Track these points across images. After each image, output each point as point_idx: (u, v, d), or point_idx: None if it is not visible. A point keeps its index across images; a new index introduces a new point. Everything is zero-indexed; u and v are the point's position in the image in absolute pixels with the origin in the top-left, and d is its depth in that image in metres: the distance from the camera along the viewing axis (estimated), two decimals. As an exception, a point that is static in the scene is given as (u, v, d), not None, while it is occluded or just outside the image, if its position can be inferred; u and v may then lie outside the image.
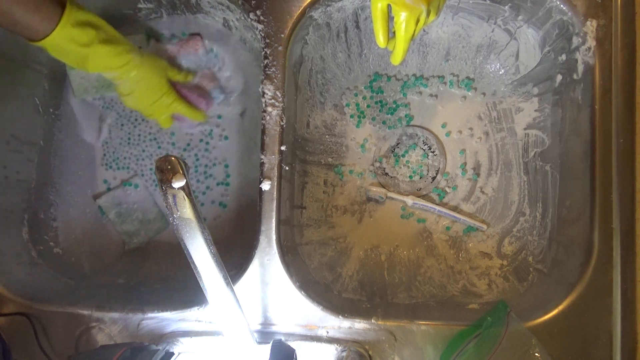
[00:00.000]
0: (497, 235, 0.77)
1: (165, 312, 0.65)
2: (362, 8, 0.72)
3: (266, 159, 0.66)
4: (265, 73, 0.67)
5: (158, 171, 0.46)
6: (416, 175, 0.80)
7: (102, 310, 0.66)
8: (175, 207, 0.47)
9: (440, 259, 0.78)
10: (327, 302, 0.64)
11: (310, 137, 0.81)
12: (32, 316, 0.66)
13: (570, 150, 0.68)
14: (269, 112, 0.67)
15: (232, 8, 0.72)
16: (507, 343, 0.57)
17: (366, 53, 0.80)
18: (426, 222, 0.79)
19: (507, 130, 0.79)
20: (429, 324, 0.62)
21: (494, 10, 0.70)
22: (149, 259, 0.82)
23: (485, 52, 0.78)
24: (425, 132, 0.81)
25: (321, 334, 0.63)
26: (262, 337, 0.64)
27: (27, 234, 0.76)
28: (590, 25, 0.62)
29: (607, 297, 0.59)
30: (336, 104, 0.83)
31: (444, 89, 0.81)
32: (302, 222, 0.79)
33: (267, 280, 0.65)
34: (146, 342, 0.64)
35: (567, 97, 0.69)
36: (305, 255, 0.75)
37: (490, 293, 0.73)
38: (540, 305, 0.63)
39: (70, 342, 0.66)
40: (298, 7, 0.67)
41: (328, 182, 0.82)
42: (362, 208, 0.81)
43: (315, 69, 0.78)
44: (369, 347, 0.62)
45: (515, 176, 0.78)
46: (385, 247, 0.79)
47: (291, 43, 0.68)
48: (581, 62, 0.64)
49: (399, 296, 0.74)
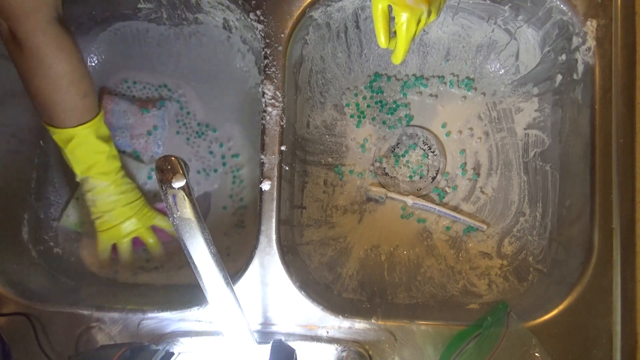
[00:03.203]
0: (497, 235, 0.77)
1: (165, 312, 0.65)
2: (362, 8, 0.72)
3: (266, 159, 0.66)
4: (265, 73, 0.67)
5: (158, 171, 0.46)
6: (416, 175, 0.80)
7: (102, 310, 0.66)
8: (175, 207, 0.47)
9: (440, 259, 0.78)
10: (327, 302, 0.64)
11: (310, 137, 0.81)
12: (32, 316, 0.66)
13: (570, 150, 0.68)
14: (269, 112, 0.67)
15: (232, 8, 0.72)
16: (507, 343, 0.57)
17: (366, 53, 0.80)
18: (426, 222, 0.80)
19: (507, 130, 0.79)
20: (429, 324, 0.62)
21: (494, 10, 0.70)
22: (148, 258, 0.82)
23: (485, 52, 0.78)
24: (425, 132, 0.81)
25: (321, 334, 0.63)
26: (262, 337, 0.64)
27: (27, 234, 0.76)
28: (590, 25, 0.62)
29: (607, 297, 0.59)
30: (336, 104, 0.83)
31: (444, 89, 0.81)
32: (302, 222, 0.79)
33: (267, 280, 0.65)
34: (146, 342, 0.64)
35: (567, 97, 0.69)
36: (305, 255, 0.75)
37: (490, 293, 0.73)
38: (540, 305, 0.63)
39: (70, 342, 0.66)
40: (298, 7, 0.67)
41: (328, 182, 0.82)
42: (362, 208, 0.81)
43: (315, 69, 0.78)
44: (369, 347, 0.62)
45: (515, 176, 0.78)
46: (385, 247, 0.79)
47: (291, 43, 0.68)
48: (581, 62, 0.64)
49: (399, 296, 0.74)
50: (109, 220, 0.72)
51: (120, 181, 0.72)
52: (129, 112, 0.81)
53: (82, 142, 0.66)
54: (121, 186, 0.72)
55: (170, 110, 0.84)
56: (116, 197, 0.71)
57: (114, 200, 0.71)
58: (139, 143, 0.82)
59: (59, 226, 0.80)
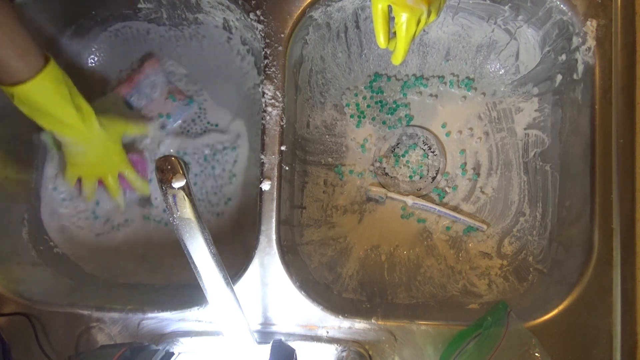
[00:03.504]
0: (497, 235, 0.77)
1: (165, 312, 0.65)
2: (362, 8, 0.72)
3: (266, 159, 0.66)
4: (265, 73, 0.67)
5: (158, 171, 0.46)
6: (416, 175, 0.80)
7: (102, 310, 0.66)
8: (175, 207, 0.47)
9: (440, 259, 0.78)
10: (327, 302, 0.64)
11: (310, 137, 0.81)
12: (32, 316, 0.66)
13: (570, 150, 0.68)
14: (269, 112, 0.67)
15: (232, 8, 0.72)
16: (507, 343, 0.57)
17: (366, 53, 0.80)
18: (426, 222, 0.80)
19: (507, 130, 0.79)
20: (429, 324, 0.62)
21: (494, 10, 0.70)
22: (149, 258, 0.82)
23: (485, 52, 0.78)
24: (425, 132, 0.81)
25: (321, 334, 0.63)
26: (262, 337, 0.64)
27: (27, 234, 0.76)
28: (590, 25, 0.62)
29: (607, 297, 0.59)
30: (336, 104, 0.83)
31: (444, 89, 0.81)
32: (302, 222, 0.79)
33: (267, 281, 0.65)
34: (146, 342, 0.64)
35: (567, 97, 0.69)
36: (305, 255, 0.75)
37: (490, 293, 0.73)
38: (540, 305, 0.63)
39: (70, 342, 0.66)
40: (298, 7, 0.67)
41: (328, 182, 0.82)
42: (362, 208, 0.81)
43: (315, 69, 0.78)
44: (369, 347, 0.62)
45: (515, 176, 0.78)
46: (385, 247, 0.79)
47: (291, 43, 0.68)
48: (581, 62, 0.64)
49: (399, 296, 0.74)
50: (78, 163, 0.73)
51: (89, 135, 0.70)
52: (159, 88, 0.81)
53: (26, 100, 0.64)
54: (90, 141, 0.71)
55: (191, 111, 0.84)
56: (84, 148, 0.71)
57: (82, 152, 0.72)
58: (146, 112, 0.82)
59: (40, 139, 0.79)
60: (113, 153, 0.75)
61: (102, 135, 0.72)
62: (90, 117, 0.69)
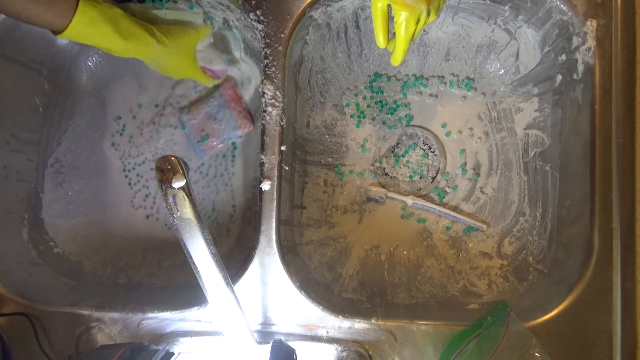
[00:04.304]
0: (497, 235, 0.77)
1: (165, 312, 0.65)
2: (362, 8, 0.72)
3: (266, 159, 0.66)
4: (265, 73, 0.67)
5: (158, 171, 0.46)
6: (416, 175, 0.80)
7: (102, 310, 0.66)
8: (175, 207, 0.47)
9: (440, 259, 0.78)
10: (327, 302, 0.64)
11: (310, 137, 0.81)
12: (32, 316, 0.66)
13: (570, 150, 0.68)
14: (269, 112, 0.67)
15: (232, 8, 0.72)
16: (507, 343, 0.57)
17: (366, 53, 0.80)
18: (426, 222, 0.80)
19: (507, 130, 0.79)
20: (429, 324, 0.62)
21: (494, 10, 0.70)
22: (149, 258, 0.82)
23: (485, 52, 0.78)
24: (425, 132, 0.81)
25: (321, 334, 0.63)
26: (262, 337, 0.64)
27: (27, 234, 0.76)
28: (590, 25, 0.62)
29: (607, 297, 0.59)
30: (336, 104, 0.83)
31: (444, 89, 0.81)
32: (302, 222, 0.79)
33: (267, 280, 0.65)
34: (146, 342, 0.64)
35: (567, 97, 0.69)
36: (305, 255, 0.75)
37: (490, 293, 0.73)
38: (540, 305, 0.63)
39: (70, 342, 0.66)
40: (298, 7, 0.67)
41: (328, 182, 0.82)
42: (362, 208, 0.81)
43: (315, 69, 0.78)
44: (369, 347, 0.62)
45: (515, 176, 0.78)
46: (385, 247, 0.79)
47: (291, 43, 0.68)
48: (581, 62, 0.64)
49: (399, 296, 0.74)
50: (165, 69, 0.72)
51: (154, 55, 0.67)
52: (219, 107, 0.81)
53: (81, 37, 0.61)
54: (161, 56, 0.68)
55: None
56: (157, 63, 0.69)
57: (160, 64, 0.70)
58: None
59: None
60: (187, 59, 0.73)
61: (172, 47, 0.69)
62: (147, 41, 0.65)
